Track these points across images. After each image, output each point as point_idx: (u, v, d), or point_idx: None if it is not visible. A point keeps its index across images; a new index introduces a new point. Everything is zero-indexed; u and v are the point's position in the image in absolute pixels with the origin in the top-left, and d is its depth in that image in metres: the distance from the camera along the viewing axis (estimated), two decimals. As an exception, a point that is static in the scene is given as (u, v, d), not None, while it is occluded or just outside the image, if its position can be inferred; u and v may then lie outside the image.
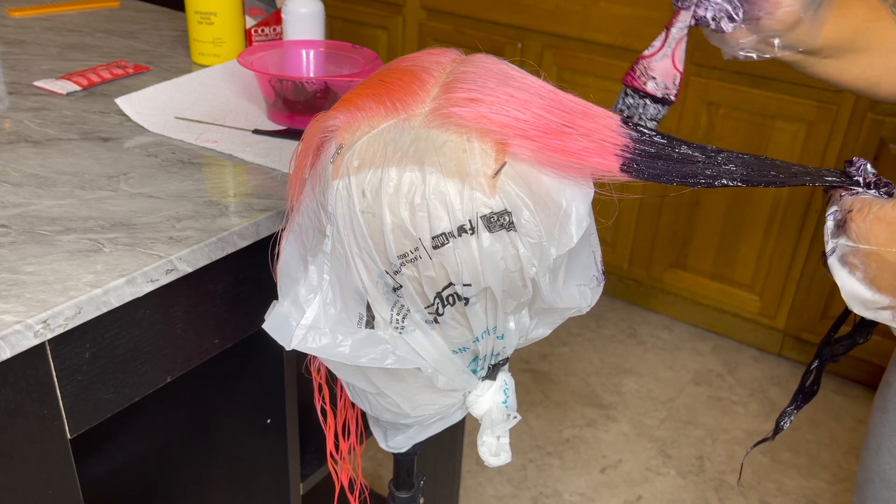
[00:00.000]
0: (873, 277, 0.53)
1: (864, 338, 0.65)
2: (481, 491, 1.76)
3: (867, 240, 0.53)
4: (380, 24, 2.56)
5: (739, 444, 1.92)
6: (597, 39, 2.12)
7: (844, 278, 0.55)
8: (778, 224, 2.04)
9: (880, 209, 0.53)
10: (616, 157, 0.54)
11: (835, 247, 0.55)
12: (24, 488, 0.65)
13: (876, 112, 1.82)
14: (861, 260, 0.54)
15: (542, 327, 0.63)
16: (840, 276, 0.55)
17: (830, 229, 0.56)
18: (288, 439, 0.94)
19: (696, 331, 2.34)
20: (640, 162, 0.54)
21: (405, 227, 0.53)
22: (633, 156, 0.54)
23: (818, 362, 0.69)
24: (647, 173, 0.54)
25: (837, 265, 0.55)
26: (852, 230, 0.54)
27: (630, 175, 0.54)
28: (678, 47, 0.61)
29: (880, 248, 0.53)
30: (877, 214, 0.53)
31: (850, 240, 0.54)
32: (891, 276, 0.53)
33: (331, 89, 0.97)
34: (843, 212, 0.55)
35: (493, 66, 0.56)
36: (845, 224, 0.55)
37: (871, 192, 0.55)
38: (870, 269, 0.53)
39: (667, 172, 0.54)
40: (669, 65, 0.60)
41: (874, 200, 0.54)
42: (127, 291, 0.65)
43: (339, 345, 0.59)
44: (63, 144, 0.88)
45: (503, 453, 0.66)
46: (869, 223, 0.53)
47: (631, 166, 0.53)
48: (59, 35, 1.29)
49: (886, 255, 0.52)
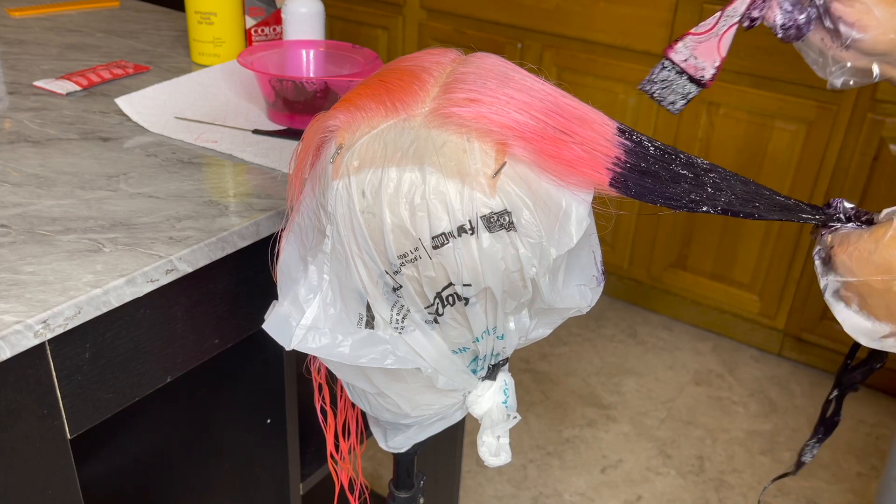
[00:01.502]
0: (868, 307, 0.54)
1: (880, 363, 0.64)
2: (481, 491, 1.76)
3: (852, 272, 0.53)
4: (380, 24, 2.56)
5: (739, 444, 1.92)
6: (597, 39, 2.12)
7: (843, 313, 0.55)
8: (778, 224, 2.04)
9: (858, 240, 0.53)
10: (607, 170, 0.54)
11: (826, 283, 0.55)
12: (24, 488, 0.65)
13: (876, 112, 1.82)
14: (853, 292, 0.54)
15: (542, 327, 0.63)
16: (838, 310, 0.55)
17: (819, 268, 0.56)
18: (288, 439, 0.94)
19: (696, 331, 2.34)
20: (629, 178, 0.54)
21: (405, 227, 0.53)
22: (623, 170, 0.54)
23: (838, 392, 0.68)
24: (634, 191, 0.54)
25: (833, 301, 0.55)
26: (837, 265, 0.54)
27: (618, 191, 0.54)
28: (728, 32, 0.59)
29: (866, 278, 0.53)
30: (856, 246, 0.53)
31: (838, 275, 0.54)
32: (883, 304, 0.53)
33: (331, 89, 0.97)
34: (826, 249, 0.55)
35: (493, 67, 0.56)
36: (831, 260, 0.55)
37: (850, 224, 0.55)
38: (862, 300, 0.54)
39: (652, 192, 0.54)
40: (714, 46, 0.59)
41: (852, 233, 0.54)
42: (127, 291, 0.65)
43: (339, 345, 0.59)
44: (63, 144, 0.88)
45: (503, 453, 0.66)
46: (849, 255, 0.53)
47: (620, 182, 0.54)
48: (59, 35, 1.29)
49: (874, 283, 0.52)
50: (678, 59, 0.60)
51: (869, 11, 0.55)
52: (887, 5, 0.55)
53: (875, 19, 0.56)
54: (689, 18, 1.97)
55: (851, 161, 1.89)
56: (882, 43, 0.57)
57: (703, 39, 0.60)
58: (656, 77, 0.62)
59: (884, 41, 0.57)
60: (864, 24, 0.56)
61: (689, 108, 2.07)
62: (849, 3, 0.55)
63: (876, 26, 0.56)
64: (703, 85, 0.61)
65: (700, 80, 0.61)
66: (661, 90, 0.62)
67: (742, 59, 1.93)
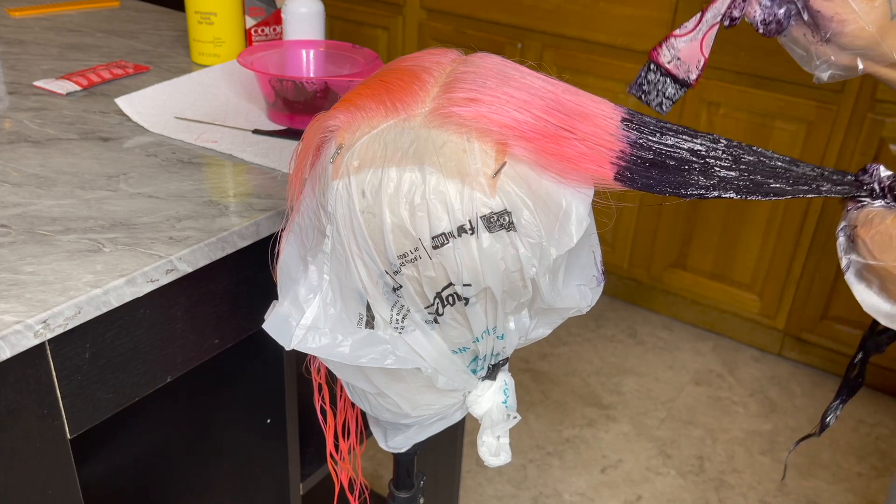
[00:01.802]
0: (888, 291, 0.53)
1: None
2: (481, 491, 1.76)
3: (873, 256, 0.53)
4: (380, 24, 2.56)
5: (739, 444, 1.92)
6: (597, 39, 2.12)
7: (863, 293, 0.54)
8: (778, 224, 2.04)
9: (881, 223, 0.52)
10: (611, 164, 0.54)
11: (848, 262, 0.55)
12: (24, 488, 0.65)
13: (876, 112, 1.82)
14: (874, 275, 0.53)
15: (542, 327, 0.63)
16: (858, 290, 0.54)
17: (843, 245, 0.55)
18: (288, 439, 0.94)
19: (696, 331, 2.34)
20: (635, 171, 0.54)
21: (405, 227, 0.53)
22: (628, 164, 0.54)
23: (862, 354, 0.67)
24: (641, 183, 0.54)
25: (854, 280, 0.54)
26: (859, 246, 0.53)
27: (624, 184, 0.54)
28: (709, 32, 0.60)
29: (887, 263, 0.52)
30: (878, 230, 0.52)
31: (859, 256, 0.54)
32: None
33: (331, 89, 0.97)
34: (850, 227, 0.54)
35: (492, 66, 0.56)
36: (854, 240, 0.54)
37: (878, 202, 0.54)
38: (883, 284, 0.53)
39: (660, 182, 0.54)
40: (697, 48, 0.60)
41: (878, 213, 0.53)
42: (127, 291, 0.65)
43: (338, 345, 0.59)
44: (63, 144, 0.88)
45: (503, 453, 0.66)
46: (871, 238, 0.52)
47: (625, 175, 0.53)
48: (59, 35, 1.29)
49: (894, 269, 0.52)
50: (664, 62, 0.61)
51: (846, 4, 0.55)
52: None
53: (853, 13, 0.55)
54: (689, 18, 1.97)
55: (851, 161, 1.89)
56: (861, 38, 0.57)
57: (686, 41, 0.60)
58: (643, 80, 0.63)
59: (863, 35, 0.56)
60: (842, 17, 0.56)
61: (689, 108, 2.07)
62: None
63: (854, 20, 0.56)
64: (689, 85, 0.61)
65: (685, 81, 0.62)
66: (649, 93, 0.63)
67: (742, 59, 1.93)
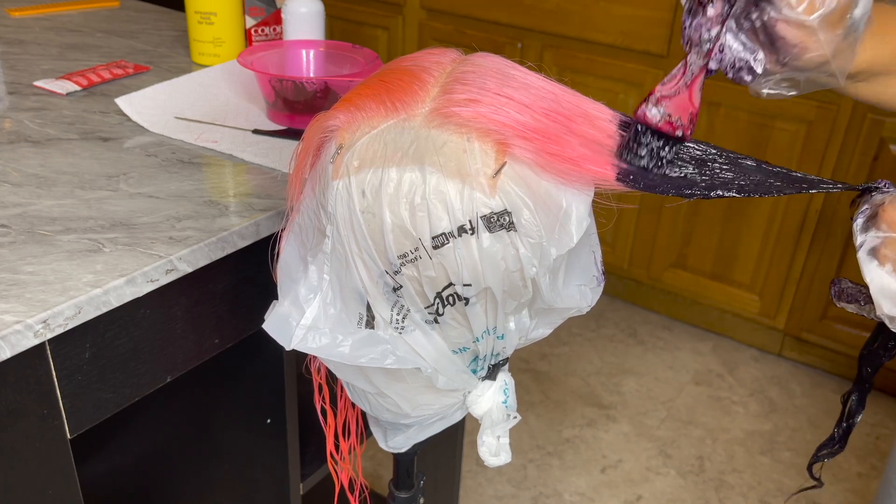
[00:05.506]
0: None
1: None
2: (481, 491, 1.76)
3: None
4: (380, 24, 2.56)
5: (739, 444, 1.92)
6: (597, 39, 2.12)
7: (874, 272, 0.55)
8: (778, 224, 2.04)
9: None
10: (612, 166, 0.54)
11: (864, 240, 0.55)
12: (24, 488, 0.65)
13: (876, 112, 1.82)
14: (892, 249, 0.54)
15: (542, 327, 0.63)
16: (869, 269, 0.55)
17: (860, 225, 0.56)
18: (288, 439, 0.94)
19: (696, 331, 2.34)
20: (635, 171, 0.54)
21: (405, 227, 0.53)
22: (629, 165, 0.54)
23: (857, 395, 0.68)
24: (644, 184, 0.54)
25: (867, 259, 0.55)
26: (883, 220, 0.54)
27: (625, 185, 0.54)
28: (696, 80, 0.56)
29: None
30: None
31: (879, 231, 0.54)
32: None
33: (331, 89, 0.97)
34: (874, 206, 0.55)
35: (493, 66, 0.56)
36: (875, 217, 0.55)
37: None
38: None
39: (662, 183, 0.54)
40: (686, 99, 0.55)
41: None
42: (127, 291, 0.65)
43: (339, 345, 0.59)
44: (63, 144, 0.88)
45: (503, 453, 0.66)
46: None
47: (626, 177, 0.53)
48: (59, 35, 1.29)
49: None
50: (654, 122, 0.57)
51: (813, 34, 0.54)
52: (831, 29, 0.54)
53: (817, 42, 0.55)
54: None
55: (851, 161, 1.89)
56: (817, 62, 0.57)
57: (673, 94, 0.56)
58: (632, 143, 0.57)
59: (820, 60, 0.56)
60: (806, 46, 0.55)
61: (689, 108, 2.07)
62: (795, 25, 0.54)
63: (816, 49, 0.55)
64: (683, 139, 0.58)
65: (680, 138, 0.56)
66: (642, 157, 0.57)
67: (742, 59, 1.93)
